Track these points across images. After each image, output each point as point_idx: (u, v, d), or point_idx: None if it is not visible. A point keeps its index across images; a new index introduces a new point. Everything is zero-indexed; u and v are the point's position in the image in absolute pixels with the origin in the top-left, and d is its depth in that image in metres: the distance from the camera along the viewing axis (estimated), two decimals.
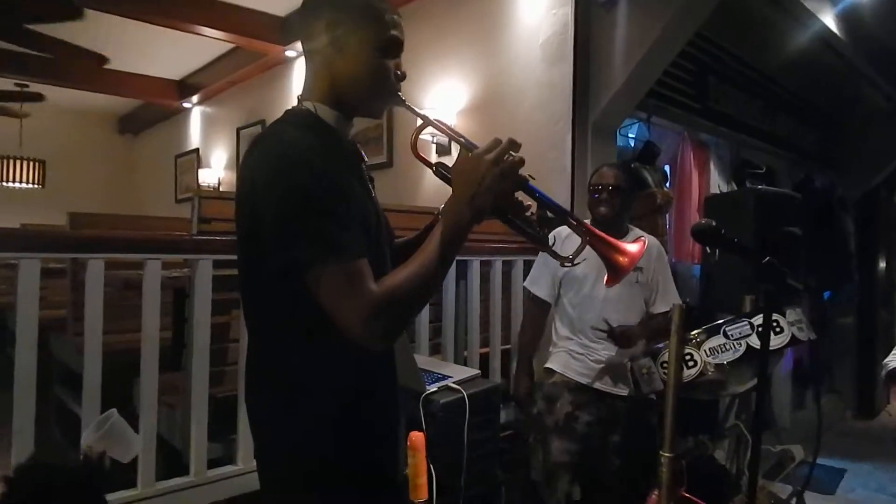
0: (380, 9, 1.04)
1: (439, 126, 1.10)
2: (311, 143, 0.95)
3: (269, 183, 0.92)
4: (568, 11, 3.27)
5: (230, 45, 5.56)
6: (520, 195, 1.03)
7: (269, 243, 0.92)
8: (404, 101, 1.09)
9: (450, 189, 1.02)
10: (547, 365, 2.41)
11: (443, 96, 3.98)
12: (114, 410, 1.64)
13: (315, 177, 0.91)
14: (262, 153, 0.97)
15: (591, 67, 3.26)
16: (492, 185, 0.95)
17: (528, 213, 1.08)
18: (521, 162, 0.98)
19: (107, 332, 1.82)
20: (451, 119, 3.89)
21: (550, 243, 1.12)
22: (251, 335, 1.07)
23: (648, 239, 2.39)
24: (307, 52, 1.07)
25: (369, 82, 1.05)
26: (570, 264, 1.10)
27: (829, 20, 4.05)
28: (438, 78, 4.04)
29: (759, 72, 4.60)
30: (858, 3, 3.95)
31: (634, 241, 1.10)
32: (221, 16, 4.82)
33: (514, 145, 0.98)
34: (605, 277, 1.10)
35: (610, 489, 2.31)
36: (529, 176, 1.01)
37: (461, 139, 1.05)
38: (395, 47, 1.06)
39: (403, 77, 1.08)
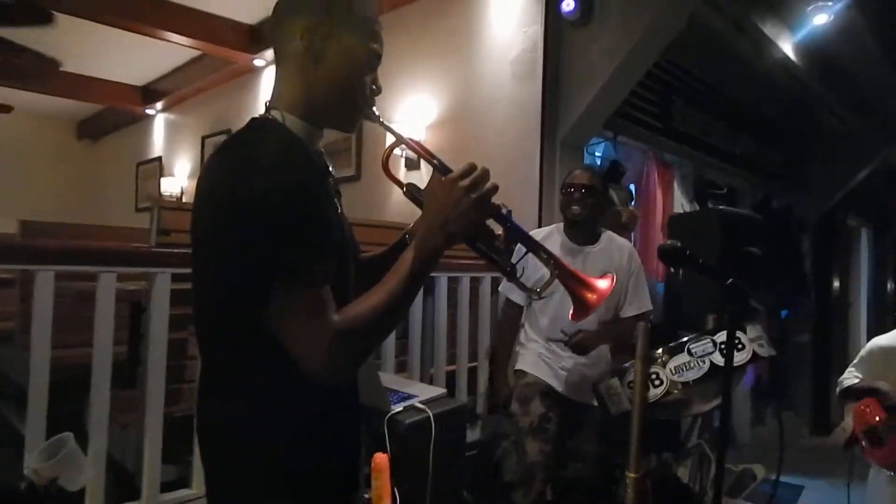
0: (364, 18, 0.99)
1: (412, 145, 1.07)
2: (283, 160, 0.89)
3: (239, 201, 0.85)
4: (538, 30, 3.31)
5: (197, 52, 5.47)
6: (490, 223, 1.01)
7: (234, 264, 0.87)
8: (378, 117, 1.04)
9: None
10: (518, 367, 2.42)
11: (413, 110, 3.97)
12: (70, 435, 1.57)
13: (287, 196, 0.85)
14: (230, 167, 0.91)
15: (560, 86, 3.30)
16: (465, 211, 0.93)
17: (497, 242, 1.06)
18: (495, 189, 0.95)
19: (58, 346, 1.73)
20: (421, 133, 3.88)
21: (518, 274, 1.10)
22: (204, 353, 1.01)
23: (622, 243, 2.42)
24: (279, 57, 1.00)
25: (345, 96, 0.99)
26: (537, 298, 1.09)
27: (788, 47, 4.19)
28: (409, 91, 4.03)
29: (721, 94, 4.73)
30: (815, 32, 4.09)
31: (602, 276, 1.08)
32: (189, 22, 4.73)
33: (487, 173, 0.95)
34: (571, 312, 1.08)
35: (579, 491, 2.33)
36: (502, 205, 1.00)
37: (434, 161, 1.03)
38: (374, 61, 1.01)
39: (379, 91, 1.03)
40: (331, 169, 1.08)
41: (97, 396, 1.77)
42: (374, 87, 1.02)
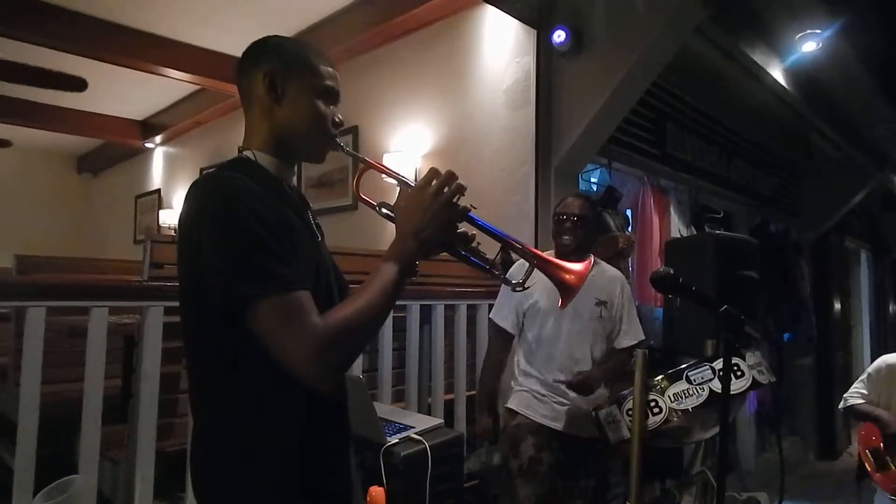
0: (315, 60, 1.08)
1: (378, 167, 1.16)
2: (248, 184, 0.95)
3: (206, 224, 0.91)
4: (530, 60, 3.35)
5: (195, 87, 5.54)
6: (464, 226, 1.05)
7: (208, 284, 0.91)
8: (341, 145, 1.12)
9: None
10: (508, 405, 2.34)
11: (408, 139, 4.00)
12: (75, 478, 1.55)
13: (252, 214, 0.90)
14: (199, 196, 0.96)
15: (554, 114, 3.33)
16: (435, 216, 0.98)
17: (473, 244, 1.09)
18: (461, 189, 1.00)
19: (51, 381, 1.72)
20: (417, 162, 3.91)
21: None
22: (192, 385, 1.03)
23: (613, 272, 2.40)
24: (247, 103, 1.09)
25: (307, 128, 1.07)
26: (521, 289, 1.14)
27: (778, 74, 4.24)
28: (404, 121, 4.07)
29: (715, 120, 4.78)
30: (804, 58, 4.15)
31: (580, 260, 1.11)
32: (187, 58, 4.81)
33: (453, 176, 1.00)
34: (559, 302, 1.13)
35: None
36: (471, 206, 1.03)
37: (399, 177, 1.12)
38: (330, 96, 1.09)
39: (341, 125, 1.11)
40: (309, 203, 1.16)
41: (88, 432, 1.75)
42: (335, 119, 1.10)
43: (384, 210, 1.13)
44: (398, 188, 1.16)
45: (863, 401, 3.03)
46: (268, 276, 0.88)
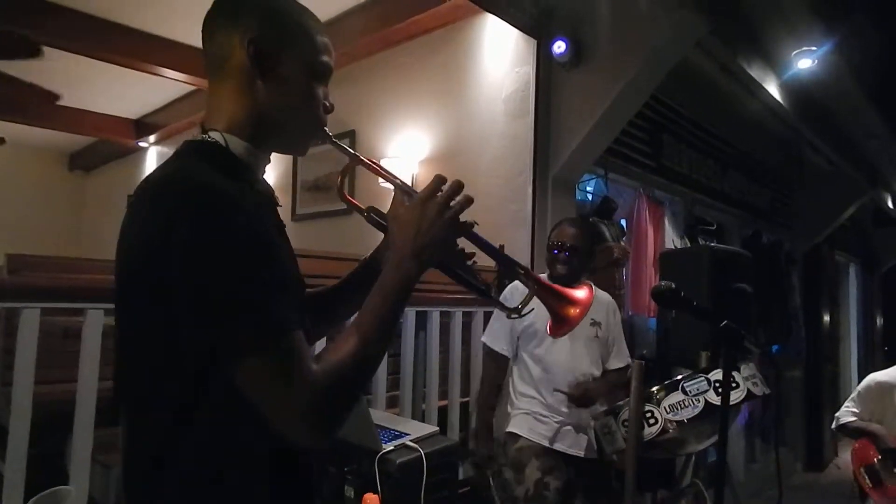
0: (312, 27, 0.90)
1: (371, 165, 1.00)
2: (231, 191, 0.76)
3: (186, 240, 0.72)
4: (530, 70, 3.37)
5: (190, 87, 5.51)
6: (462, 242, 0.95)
7: (185, 317, 0.73)
8: (330, 136, 0.95)
9: None
10: (510, 429, 2.32)
11: (406, 145, 4.00)
12: (70, 490, 1.52)
13: (241, 234, 0.73)
14: (169, 200, 0.76)
15: (552, 124, 3.34)
16: (439, 233, 0.85)
17: (470, 262, 0.99)
18: (469, 203, 0.87)
19: (43, 382, 1.69)
20: (414, 168, 3.91)
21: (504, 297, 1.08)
22: (131, 417, 0.83)
23: (603, 296, 2.43)
24: (216, 71, 0.88)
25: (298, 110, 0.89)
26: (517, 315, 1.00)
27: (774, 89, 4.28)
28: (402, 127, 4.07)
29: (710, 133, 4.81)
30: (800, 74, 4.19)
31: (579, 287, 1.03)
32: (182, 57, 4.77)
33: (460, 187, 0.87)
34: (549, 325, 1.04)
35: None
36: (474, 222, 0.92)
37: (397, 181, 0.97)
38: (325, 73, 0.91)
39: (331, 109, 0.94)
40: (278, 199, 0.97)
41: (80, 435, 1.73)
42: (326, 103, 0.93)
43: (374, 217, 1.00)
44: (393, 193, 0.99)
45: (855, 419, 3.05)
46: (267, 322, 0.73)
